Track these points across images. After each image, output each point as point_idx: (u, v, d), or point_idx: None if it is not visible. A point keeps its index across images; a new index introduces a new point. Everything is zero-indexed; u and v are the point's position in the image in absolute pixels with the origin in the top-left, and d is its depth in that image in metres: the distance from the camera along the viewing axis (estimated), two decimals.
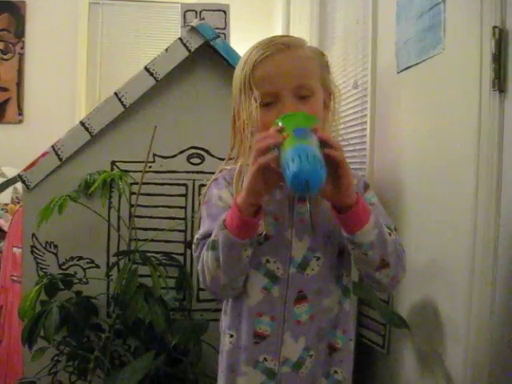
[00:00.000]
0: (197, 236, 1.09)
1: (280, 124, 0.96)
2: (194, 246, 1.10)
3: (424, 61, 1.51)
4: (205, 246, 1.03)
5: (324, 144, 0.91)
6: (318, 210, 1.04)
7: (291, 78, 1.03)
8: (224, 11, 2.46)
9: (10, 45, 4.71)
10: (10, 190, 4.36)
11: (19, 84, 4.71)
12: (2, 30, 4.69)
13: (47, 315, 1.44)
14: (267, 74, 1.03)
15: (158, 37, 4.60)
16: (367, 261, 1.00)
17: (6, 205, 4.28)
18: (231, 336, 1.10)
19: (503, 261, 1.15)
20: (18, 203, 4.30)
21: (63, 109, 4.63)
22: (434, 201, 1.44)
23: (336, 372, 1.09)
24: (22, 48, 4.70)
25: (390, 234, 1.01)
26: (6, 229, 3.77)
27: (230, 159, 1.14)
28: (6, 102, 4.70)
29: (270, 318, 1.06)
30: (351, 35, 2.31)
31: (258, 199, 0.96)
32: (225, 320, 1.14)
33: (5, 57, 4.71)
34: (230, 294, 1.09)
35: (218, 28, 2.42)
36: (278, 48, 1.04)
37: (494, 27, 1.14)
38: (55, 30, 4.62)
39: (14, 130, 4.69)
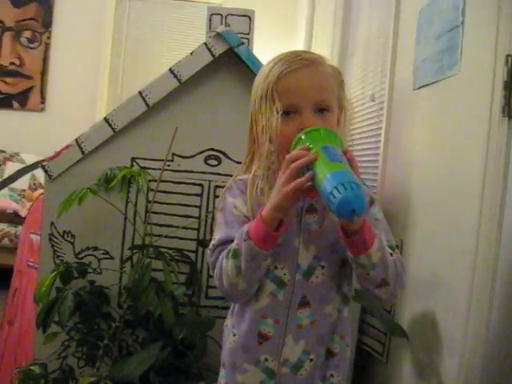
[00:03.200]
0: (213, 242, 1.14)
1: (303, 137, 1.03)
2: (209, 252, 1.15)
3: (440, 80, 1.56)
4: (224, 254, 1.09)
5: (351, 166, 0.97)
6: (326, 221, 1.10)
7: (313, 93, 1.09)
8: (249, 16, 2.51)
9: (37, 34, 4.79)
10: (27, 176, 4.46)
11: (43, 73, 4.80)
12: (30, 19, 4.78)
13: (62, 301, 1.50)
14: (291, 87, 1.08)
15: (182, 35, 4.69)
16: (369, 279, 1.06)
17: (24, 191, 4.36)
18: (234, 334, 1.16)
19: (501, 281, 1.19)
20: (36, 189, 4.39)
21: (85, 99, 4.72)
22: (440, 217, 1.49)
23: (332, 376, 1.15)
24: (49, 38, 4.79)
25: (391, 254, 1.07)
26: (22, 214, 3.86)
27: (244, 165, 1.19)
28: (30, 89, 4.79)
29: (273, 320, 1.11)
30: (372, 48, 2.35)
31: (285, 215, 1.02)
32: (231, 319, 1.19)
33: (31, 45, 4.80)
34: (243, 298, 1.14)
35: (242, 33, 2.49)
36: (303, 63, 1.09)
37: (508, 55, 1.19)
38: (82, 22, 4.71)
39: (35, 117, 4.78)
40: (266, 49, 3.53)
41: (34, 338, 1.78)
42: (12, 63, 4.78)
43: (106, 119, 1.78)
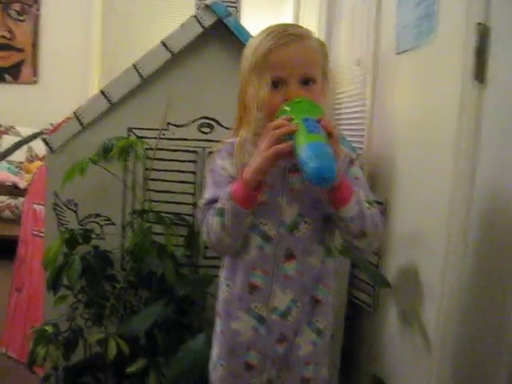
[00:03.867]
0: (201, 201, 1.25)
1: (287, 108, 1.12)
2: (198, 210, 1.26)
3: (419, 46, 1.64)
4: (211, 212, 1.19)
5: (328, 134, 1.07)
6: None
7: (299, 67, 1.18)
8: None
9: (26, 6, 4.81)
10: (24, 148, 4.52)
11: (34, 45, 4.83)
12: None
13: (70, 265, 1.61)
14: (279, 61, 1.17)
15: (171, 4, 4.70)
16: (348, 231, 1.17)
17: (21, 163, 4.44)
18: (227, 285, 1.27)
19: (473, 235, 1.31)
20: (33, 161, 4.47)
21: (77, 71, 4.75)
22: (420, 176, 1.60)
23: (318, 321, 1.26)
24: (38, 10, 4.80)
25: (369, 209, 1.17)
26: (21, 186, 3.96)
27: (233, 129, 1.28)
28: (22, 62, 4.83)
29: (262, 271, 1.22)
30: (357, 13, 2.41)
31: (264, 176, 1.13)
32: (223, 272, 1.30)
33: (20, 18, 4.82)
34: (229, 252, 1.26)
35: (230, 1, 2.55)
36: (291, 38, 1.18)
37: (478, 23, 1.27)
38: None
39: (28, 90, 4.82)
40: (254, 17, 3.59)
41: (44, 302, 1.89)
42: (2, 37, 4.81)
43: (102, 92, 1.86)
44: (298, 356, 1.25)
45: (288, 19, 3.79)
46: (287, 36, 1.18)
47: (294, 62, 1.17)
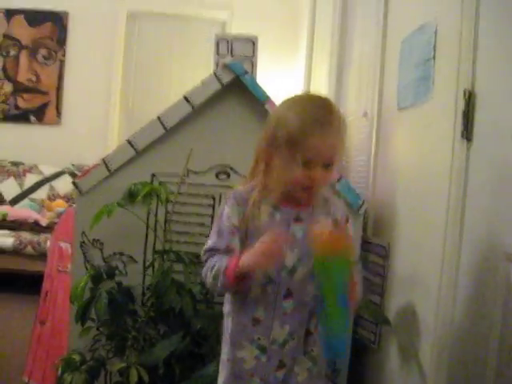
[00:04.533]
0: (205, 246, 1.40)
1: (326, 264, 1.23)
2: (202, 253, 1.41)
3: (417, 104, 1.82)
4: (209, 265, 1.34)
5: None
6: (309, 230, 1.32)
7: (330, 154, 1.29)
8: (253, 41, 2.78)
9: (52, 52, 5.07)
10: (46, 187, 4.73)
11: (59, 88, 5.06)
12: (45, 37, 5.05)
13: (98, 299, 1.76)
14: (316, 147, 1.25)
15: (189, 49, 4.94)
16: None
17: (43, 201, 4.62)
18: (233, 318, 1.41)
19: (463, 281, 1.45)
20: (53, 200, 4.65)
21: (98, 113, 4.98)
22: (417, 222, 1.75)
23: (312, 350, 1.40)
24: (63, 55, 5.06)
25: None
26: (43, 223, 4.13)
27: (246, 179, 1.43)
28: (46, 104, 5.06)
29: (264, 307, 1.37)
30: (365, 68, 2.59)
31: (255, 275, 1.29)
32: (228, 306, 1.44)
33: (47, 63, 5.07)
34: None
35: (246, 56, 2.76)
36: (332, 129, 1.27)
37: (466, 90, 1.44)
38: (94, 40, 4.97)
39: (52, 131, 5.03)
40: (270, 68, 3.81)
41: (70, 333, 2.04)
42: (29, 80, 5.05)
43: (128, 141, 2.04)
44: (297, 382, 1.39)
45: (300, 70, 4.02)
46: (329, 125, 1.26)
47: (328, 151, 1.28)
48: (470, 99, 1.43)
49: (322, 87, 3.41)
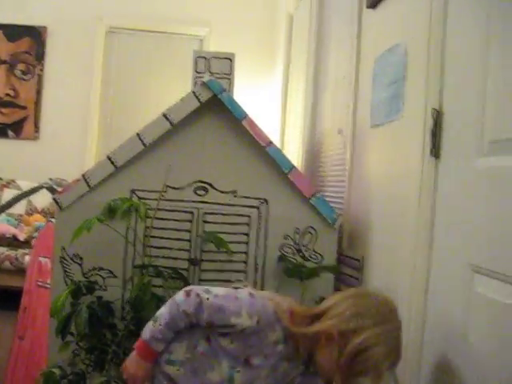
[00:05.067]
0: (202, 294, 1.40)
1: None
2: (190, 287, 1.47)
3: (388, 122, 1.88)
4: (165, 305, 1.49)
5: None
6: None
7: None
8: (230, 59, 2.84)
9: (31, 66, 5.08)
10: (24, 202, 4.73)
11: (37, 103, 5.08)
12: (24, 52, 5.08)
13: (78, 313, 1.79)
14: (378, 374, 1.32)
15: (168, 65, 5.00)
16: None
17: (21, 216, 4.62)
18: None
19: (434, 284, 1.51)
20: (31, 214, 4.65)
21: (76, 128, 5.00)
22: (389, 236, 1.81)
23: None
24: (42, 70, 5.08)
25: None
26: (21, 238, 4.13)
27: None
28: (24, 119, 5.07)
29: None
30: (339, 88, 2.66)
31: None
32: None
33: (25, 77, 5.09)
34: None
35: (224, 73, 2.82)
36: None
37: (433, 109, 1.51)
38: (73, 55, 5.01)
39: (30, 145, 5.04)
40: (247, 85, 3.88)
41: (49, 348, 2.05)
42: (7, 94, 5.06)
43: (108, 157, 2.08)
44: None
45: (277, 87, 4.09)
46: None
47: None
48: (437, 118, 1.50)
49: (298, 104, 3.48)
